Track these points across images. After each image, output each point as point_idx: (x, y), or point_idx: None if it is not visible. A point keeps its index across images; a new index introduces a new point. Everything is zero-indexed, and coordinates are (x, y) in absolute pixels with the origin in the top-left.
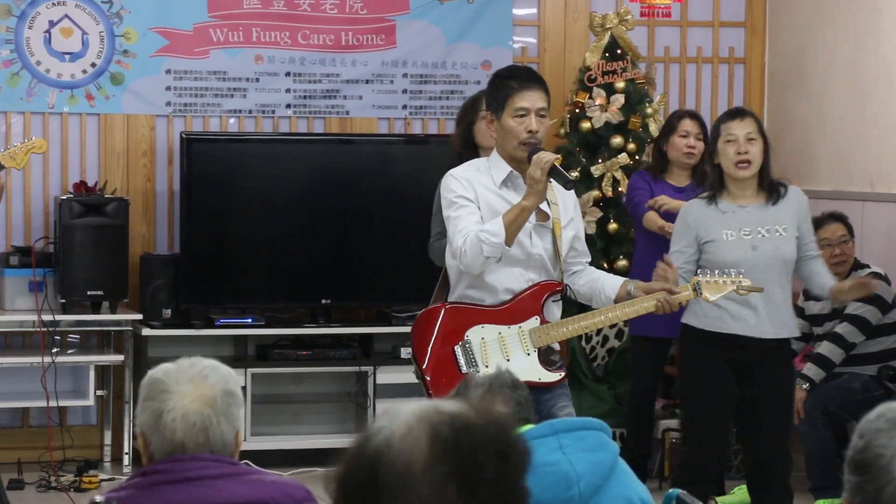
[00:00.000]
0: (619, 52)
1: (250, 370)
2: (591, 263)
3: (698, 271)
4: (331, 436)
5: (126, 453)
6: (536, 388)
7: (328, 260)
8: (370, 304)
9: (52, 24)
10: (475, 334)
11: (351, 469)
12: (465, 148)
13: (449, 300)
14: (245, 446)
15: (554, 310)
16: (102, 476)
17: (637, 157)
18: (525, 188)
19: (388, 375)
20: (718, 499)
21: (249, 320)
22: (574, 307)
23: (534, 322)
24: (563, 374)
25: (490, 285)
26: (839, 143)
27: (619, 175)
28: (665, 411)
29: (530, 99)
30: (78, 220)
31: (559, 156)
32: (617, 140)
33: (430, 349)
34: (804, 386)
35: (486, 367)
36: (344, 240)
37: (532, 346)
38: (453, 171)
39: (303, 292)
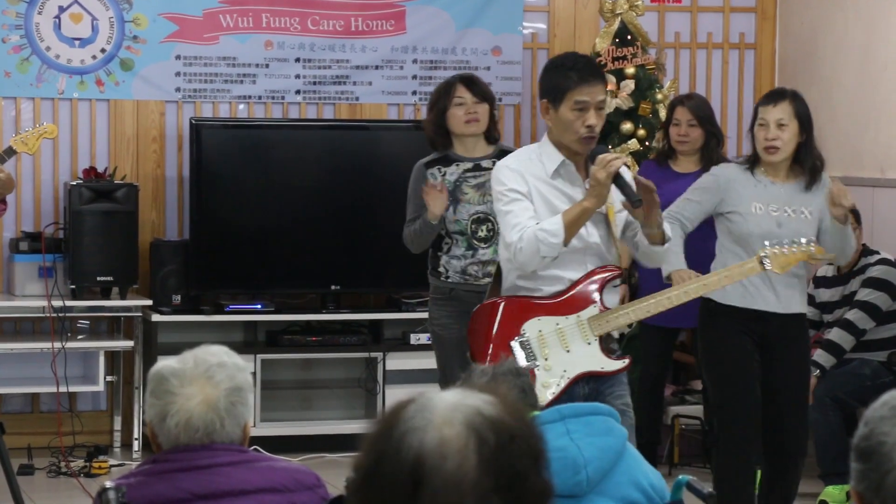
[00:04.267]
0: (629, 37)
1: (260, 356)
2: None
3: (766, 242)
4: (340, 422)
5: (136, 439)
6: (597, 378)
7: (338, 246)
8: (380, 291)
9: (61, 9)
10: (532, 327)
11: (387, 473)
12: (438, 134)
13: (502, 292)
14: (254, 432)
15: (613, 297)
16: (112, 462)
17: (647, 143)
18: (577, 176)
19: (397, 361)
20: None
21: (259, 306)
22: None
23: (593, 310)
24: (626, 362)
25: (546, 276)
26: (849, 129)
27: (629, 161)
28: (674, 398)
29: (590, 92)
30: (88, 205)
31: (628, 158)
32: (627, 126)
33: (487, 346)
34: (815, 372)
35: (546, 360)
36: (353, 226)
37: (592, 334)
38: (505, 162)
39: (312, 278)
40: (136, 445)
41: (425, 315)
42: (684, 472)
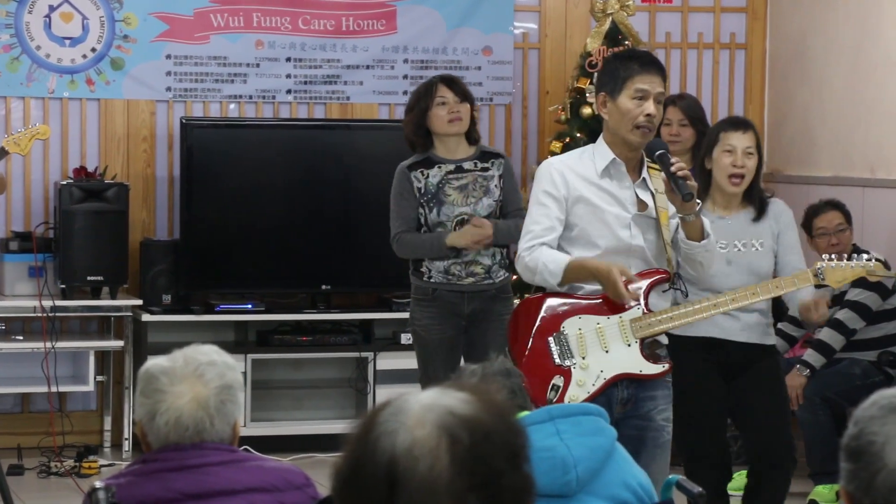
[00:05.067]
0: (620, 37)
1: (250, 356)
2: None
3: (823, 255)
4: (331, 422)
5: (126, 439)
6: (638, 382)
7: (328, 245)
8: (370, 290)
9: (52, 8)
10: (572, 325)
11: (364, 475)
12: (418, 135)
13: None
14: (245, 432)
15: (661, 301)
16: (102, 462)
17: None
18: (626, 176)
19: (388, 361)
20: None
21: (249, 306)
22: None
23: (636, 312)
24: (666, 366)
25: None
26: (840, 129)
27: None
28: None
29: (651, 82)
30: (78, 205)
31: (636, 299)
32: None
33: (526, 340)
34: (804, 372)
35: (583, 358)
36: (344, 225)
37: (633, 336)
38: (551, 160)
39: (303, 278)
40: (126, 445)
41: None
42: (674, 471)
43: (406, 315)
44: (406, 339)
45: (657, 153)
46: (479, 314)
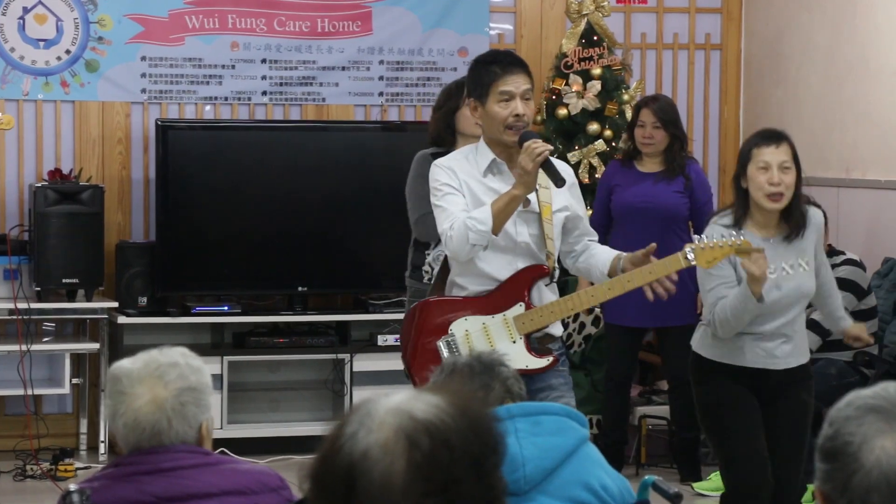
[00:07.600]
0: (595, 38)
1: (227, 358)
2: None
3: (695, 237)
4: (308, 423)
5: (102, 441)
6: (527, 377)
7: (305, 247)
8: (347, 292)
9: (26, 10)
10: (459, 327)
11: (326, 476)
12: (446, 133)
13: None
14: (221, 434)
15: (546, 295)
16: (78, 464)
17: (613, 144)
18: (509, 175)
19: (364, 363)
20: (695, 485)
21: (226, 308)
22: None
23: (518, 309)
24: (550, 359)
25: (479, 274)
26: (815, 130)
27: (595, 162)
28: (641, 398)
29: (514, 82)
30: (53, 207)
31: (550, 147)
32: (593, 127)
33: (416, 345)
34: None
35: None
36: (320, 227)
37: (517, 333)
38: (438, 161)
39: (279, 280)
40: (102, 448)
41: (392, 316)
42: (651, 472)
43: (382, 316)
44: (383, 340)
45: (522, 137)
46: None
